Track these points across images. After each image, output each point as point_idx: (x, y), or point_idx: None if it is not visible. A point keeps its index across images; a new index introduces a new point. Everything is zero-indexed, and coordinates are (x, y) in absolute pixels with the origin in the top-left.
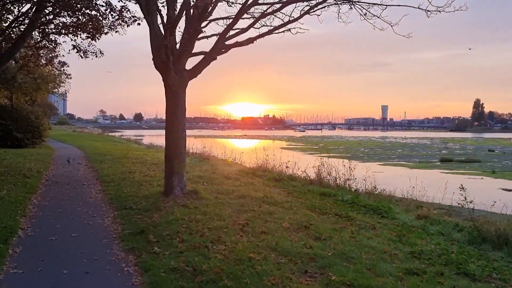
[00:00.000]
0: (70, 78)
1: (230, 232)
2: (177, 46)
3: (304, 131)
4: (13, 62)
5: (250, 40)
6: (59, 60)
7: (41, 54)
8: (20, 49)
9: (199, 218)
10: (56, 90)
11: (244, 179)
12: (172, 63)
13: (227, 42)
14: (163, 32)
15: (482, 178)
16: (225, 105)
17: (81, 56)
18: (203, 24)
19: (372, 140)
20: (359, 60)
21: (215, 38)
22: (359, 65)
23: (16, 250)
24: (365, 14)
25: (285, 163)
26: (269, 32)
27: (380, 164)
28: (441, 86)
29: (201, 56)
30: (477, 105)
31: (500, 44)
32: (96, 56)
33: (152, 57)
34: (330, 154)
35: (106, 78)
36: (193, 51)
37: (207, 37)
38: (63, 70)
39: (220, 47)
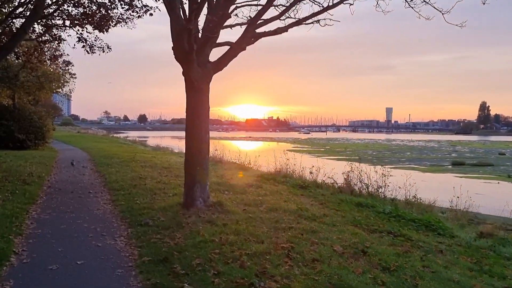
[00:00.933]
0: (75, 78)
1: (275, 260)
2: (199, 35)
3: (309, 133)
4: (15, 58)
5: (280, 30)
6: (64, 60)
7: (45, 50)
8: (20, 41)
9: (232, 239)
10: (60, 90)
11: (267, 186)
12: (195, 54)
13: (256, 31)
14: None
15: (498, 183)
16: (229, 107)
17: (87, 51)
18: (230, 9)
19: (378, 142)
20: (363, 63)
21: (237, 28)
22: (363, 67)
23: (5, 286)
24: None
25: (306, 168)
26: (298, 23)
27: (390, 168)
28: (446, 89)
29: (225, 48)
30: (483, 107)
31: (505, 47)
32: (103, 51)
33: (172, 46)
34: (338, 157)
35: (110, 79)
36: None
37: (230, 26)
38: (68, 69)
39: (250, 36)
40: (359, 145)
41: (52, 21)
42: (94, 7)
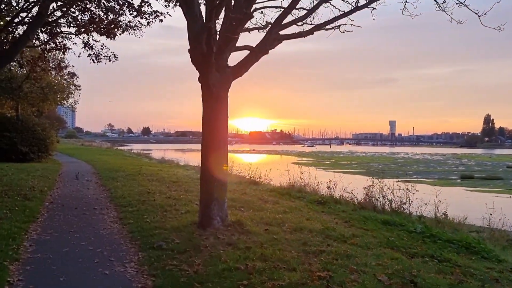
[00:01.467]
0: (80, 89)
1: None
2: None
3: (312, 146)
4: (19, 67)
5: (305, 33)
6: (69, 71)
7: (49, 59)
8: (22, 48)
9: (260, 266)
10: (65, 101)
11: (283, 202)
12: (214, 57)
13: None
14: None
15: (510, 197)
16: (231, 120)
17: (93, 60)
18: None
19: (383, 155)
20: (366, 76)
21: (256, 33)
22: (366, 81)
23: None
24: (444, 1)
25: (321, 182)
26: (318, 28)
27: (398, 181)
28: (449, 102)
29: (241, 55)
30: (488, 120)
31: (509, 60)
32: (110, 60)
33: (188, 49)
34: (345, 170)
35: (114, 92)
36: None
37: (248, 30)
38: (73, 81)
39: (274, 38)
40: (364, 158)
41: (57, 28)
42: (102, 13)
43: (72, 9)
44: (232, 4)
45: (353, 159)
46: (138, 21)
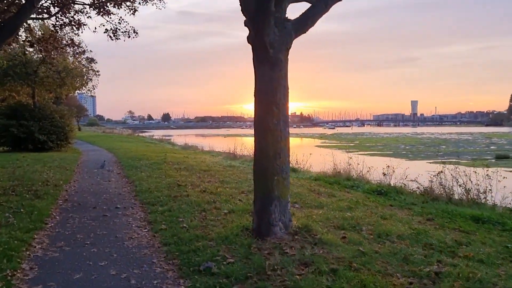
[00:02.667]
0: (98, 75)
1: None
2: None
3: (333, 128)
4: (29, 46)
5: None
6: (87, 57)
7: (62, 37)
8: (27, 17)
9: None
10: (84, 87)
11: (339, 193)
12: (274, 5)
13: None
14: None
15: None
16: (250, 104)
17: (110, 36)
18: None
19: (408, 136)
20: (386, 57)
21: None
22: (386, 61)
23: None
24: None
25: (371, 168)
26: None
27: (429, 163)
28: (472, 80)
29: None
30: None
31: None
32: (129, 36)
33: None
34: (371, 152)
35: (133, 80)
36: None
37: None
38: (91, 66)
39: None
40: (389, 139)
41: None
42: None
43: None
44: None
45: (378, 141)
46: None
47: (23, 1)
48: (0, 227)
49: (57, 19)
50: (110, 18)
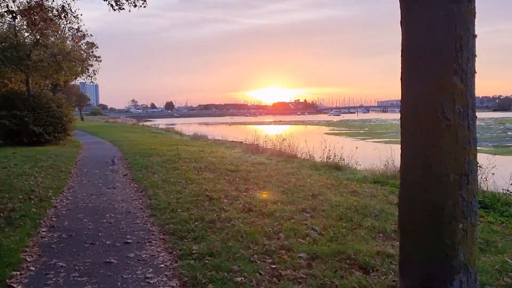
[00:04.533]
0: (100, 61)
1: None
2: None
3: (339, 115)
4: (12, 18)
5: None
6: (87, 41)
7: (49, 7)
8: None
9: None
10: (84, 74)
11: None
12: None
13: None
14: None
15: None
16: (253, 91)
17: (112, 6)
18: None
19: None
20: (389, 41)
21: None
22: (390, 46)
23: None
24: None
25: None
26: None
27: None
28: (478, 64)
29: None
30: None
31: None
32: (135, 6)
33: None
34: (386, 140)
35: (136, 68)
36: None
37: None
38: (92, 51)
39: None
40: (398, 126)
41: None
42: None
43: None
44: None
45: (388, 127)
46: None
47: None
48: None
49: None
50: None
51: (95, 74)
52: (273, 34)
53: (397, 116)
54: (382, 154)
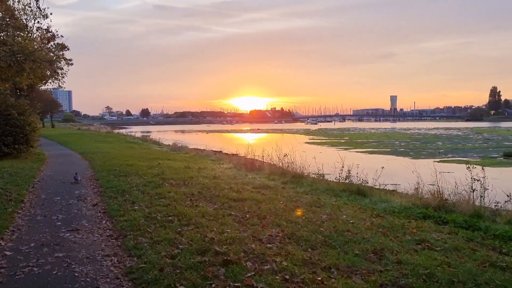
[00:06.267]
0: (71, 64)
1: None
2: None
3: (316, 123)
4: None
5: None
6: (57, 42)
7: None
8: None
9: None
10: (55, 79)
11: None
12: None
13: None
14: None
15: None
16: (230, 99)
17: None
18: None
19: (397, 131)
20: (364, 52)
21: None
22: (364, 57)
23: None
24: None
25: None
26: None
27: (436, 162)
28: (449, 76)
29: None
30: (494, 93)
31: (507, 32)
32: None
33: None
34: (369, 150)
35: (111, 75)
36: None
37: None
38: (62, 54)
39: None
40: (378, 135)
41: None
42: None
43: None
44: None
45: (368, 137)
46: None
47: None
48: None
49: None
50: None
51: (63, 77)
52: (250, 43)
53: (374, 125)
54: (392, 170)
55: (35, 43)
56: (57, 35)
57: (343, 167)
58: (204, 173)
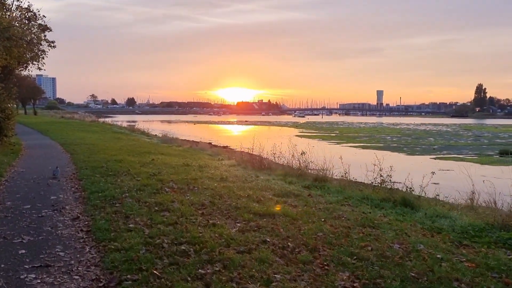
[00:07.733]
0: (54, 46)
1: None
2: None
3: (303, 116)
4: None
5: None
6: (39, 24)
7: None
8: None
9: None
10: (35, 61)
11: None
12: None
13: None
14: None
15: None
16: (216, 90)
17: None
18: None
19: (387, 127)
20: (351, 46)
21: None
22: (351, 51)
23: None
24: None
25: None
26: None
27: (432, 158)
28: (434, 72)
29: None
30: (480, 90)
31: (491, 30)
32: None
33: None
34: (362, 144)
35: (97, 63)
36: None
37: None
38: (44, 36)
39: None
40: (368, 129)
41: None
42: None
43: None
44: None
45: (358, 131)
46: None
47: None
48: None
49: None
50: None
51: (43, 59)
52: (238, 34)
53: (361, 119)
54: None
55: (13, 22)
56: (39, 15)
57: (380, 170)
58: (208, 173)
